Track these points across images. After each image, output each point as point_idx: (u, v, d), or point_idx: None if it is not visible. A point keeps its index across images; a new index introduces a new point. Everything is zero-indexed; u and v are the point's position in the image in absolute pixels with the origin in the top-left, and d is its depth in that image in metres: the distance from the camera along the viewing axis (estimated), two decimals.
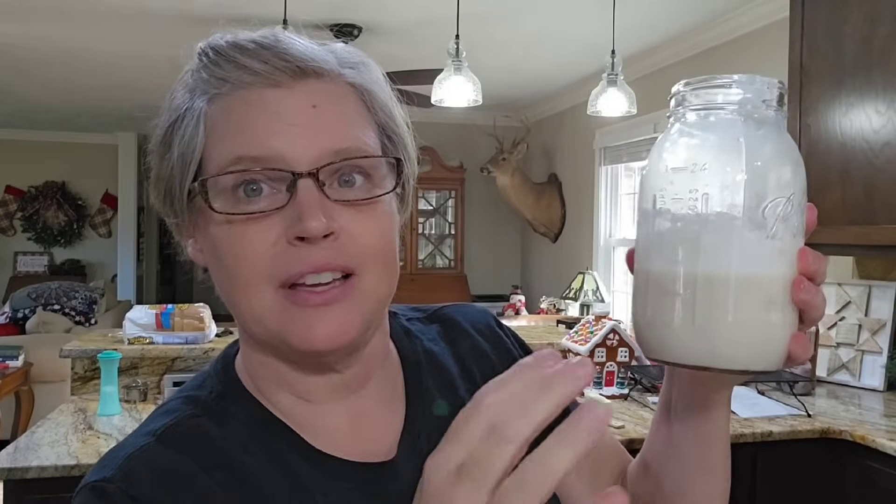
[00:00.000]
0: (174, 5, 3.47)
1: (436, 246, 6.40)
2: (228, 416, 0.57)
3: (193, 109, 0.55)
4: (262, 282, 0.53)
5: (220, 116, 0.54)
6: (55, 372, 4.34)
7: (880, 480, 2.06)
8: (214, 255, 0.55)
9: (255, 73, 0.53)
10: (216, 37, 0.58)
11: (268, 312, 0.53)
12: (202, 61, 0.56)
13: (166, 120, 0.57)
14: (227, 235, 0.53)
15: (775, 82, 0.46)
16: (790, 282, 0.45)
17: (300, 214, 0.51)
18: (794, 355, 0.46)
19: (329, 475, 0.56)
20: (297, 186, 0.52)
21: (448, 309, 0.74)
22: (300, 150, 0.52)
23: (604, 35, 3.42)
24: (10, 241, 7.73)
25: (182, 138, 0.55)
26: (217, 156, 0.53)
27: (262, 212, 0.52)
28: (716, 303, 0.44)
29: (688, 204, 0.45)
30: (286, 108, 0.53)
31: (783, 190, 0.45)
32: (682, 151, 0.46)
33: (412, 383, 0.65)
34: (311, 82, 0.55)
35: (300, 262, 0.52)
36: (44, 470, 1.77)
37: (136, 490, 0.51)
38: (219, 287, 0.57)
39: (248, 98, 0.54)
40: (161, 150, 0.57)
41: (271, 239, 0.52)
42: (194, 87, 0.56)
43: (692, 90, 0.47)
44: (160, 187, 0.58)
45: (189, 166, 0.55)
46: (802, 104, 2.60)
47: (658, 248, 0.46)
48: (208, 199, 0.53)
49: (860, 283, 2.84)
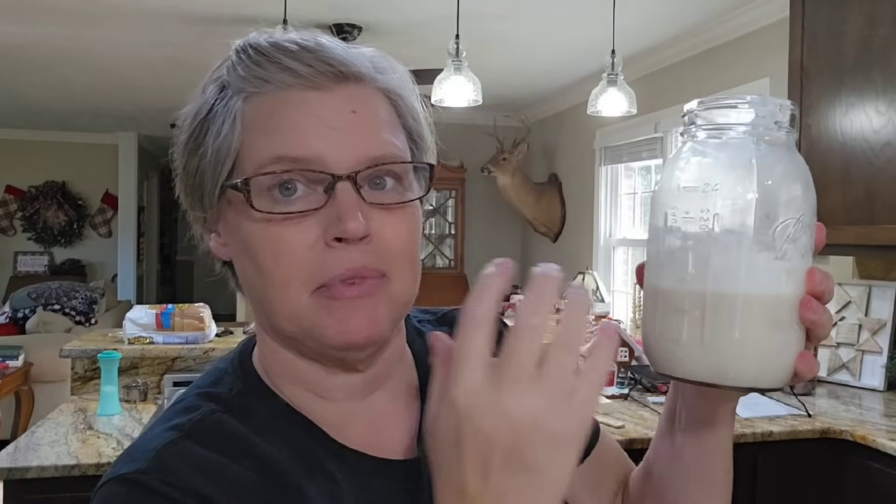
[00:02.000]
0: (174, 5, 3.47)
1: (436, 246, 6.40)
2: (251, 412, 0.57)
3: (229, 107, 0.55)
4: (300, 283, 0.53)
5: (259, 115, 0.54)
6: (55, 372, 4.34)
7: (880, 480, 2.06)
8: (247, 252, 0.55)
9: (298, 76, 0.54)
10: (255, 35, 0.58)
11: (304, 311, 0.54)
12: (241, 59, 0.56)
13: (197, 115, 0.57)
14: (265, 234, 0.54)
15: (787, 104, 0.47)
16: (798, 301, 0.46)
17: (340, 216, 0.52)
18: (800, 373, 0.47)
19: (356, 470, 0.57)
20: (336, 188, 0.53)
21: (458, 311, 0.74)
22: (340, 153, 0.53)
23: (604, 35, 3.42)
24: (10, 241, 7.73)
25: (217, 135, 0.55)
26: (255, 154, 0.54)
27: (301, 212, 0.53)
28: (724, 321, 0.45)
29: (699, 223, 0.45)
30: (327, 111, 0.54)
31: (793, 211, 0.45)
32: (695, 170, 0.47)
33: (426, 383, 0.65)
34: (350, 86, 0.56)
35: (338, 265, 0.53)
36: (44, 470, 1.77)
37: (172, 478, 0.50)
38: (246, 283, 0.58)
39: (289, 99, 0.54)
40: (191, 145, 0.57)
41: (310, 240, 0.53)
42: (229, 83, 0.56)
43: (705, 109, 0.47)
44: (189, 181, 0.58)
45: (223, 163, 0.55)
46: (802, 104, 2.60)
47: (668, 265, 0.47)
48: (250, 197, 0.53)
49: (860, 282, 2.84)
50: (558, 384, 0.41)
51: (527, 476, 0.41)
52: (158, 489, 0.50)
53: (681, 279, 0.46)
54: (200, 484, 0.51)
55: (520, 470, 0.41)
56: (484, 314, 0.43)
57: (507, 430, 0.41)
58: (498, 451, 0.41)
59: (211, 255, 0.61)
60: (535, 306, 0.43)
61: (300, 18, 3.44)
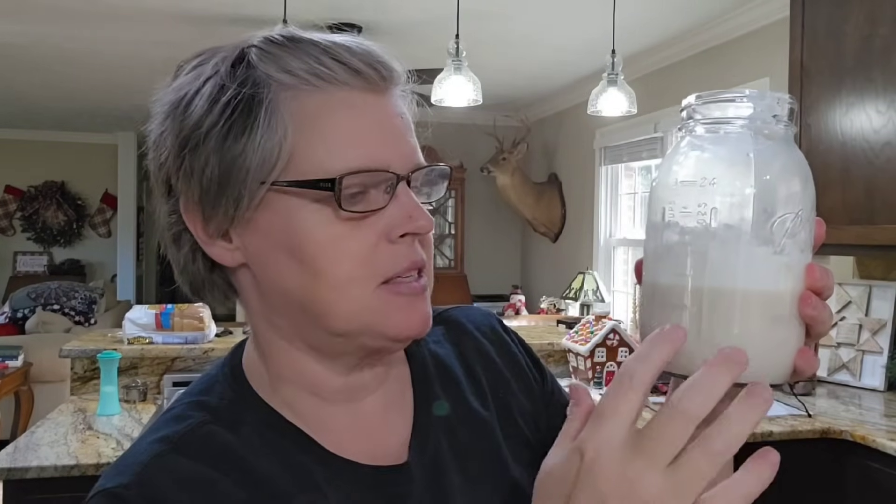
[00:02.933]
0: (174, 5, 3.47)
1: (436, 246, 6.37)
2: (241, 422, 0.57)
3: (277, 103, 0.52)
4: (365, 279, 0.54)
5: (317, 116, 0.53)
6: (55, 372, 4.34)
7: (880, 480, 2.06)
8: (296, 254, 0.54)
9: (360, 77, 0.54)
10: (290, 29, 0.56)
11: (367, 308, 0.54)
12: (284, 51, 0.54)
13: (224, 108, 0.53)
14: (330, 235, 0.53)
15: (786, 98, 0.46)
16: (797, 297, 0.45)
17: (411, 214, 0.54)
18: (800, 370, 0.46)
19: (343, 478, 0.57)
20: (398, 189, 0.54)
21: (452, 311, 0.75)
22: (400, 158, 0.55)
23: (604, 35, 3.42)
24: (9, 241, 7.73)
25: (264, 132, 0.52)
26: (323, 158, 0.53)
27: (373, 211, 0.54)
28: (722, 317, 0.45)
29: (696, 218, 0.45)
30: (384, 116, 0.55)
31: (792, 206, 0.45)
32: (692, 165, 0.46)
33: (419, 385, 0.65)
34: (394, 90, 0.57)
35: (405, 259, 0.55)
36: (43, 470, 1.77)
37: (155, 496, 0.50)
38: (283, 286, 0.55)
39: (349, 101, 0.54)
40: (217, 144, 0.53)
41: (373, 238, 0.54)
42: (271, 75, 0.53)
43: (703, 104, 0.47)
44: (211, 181, 0.53)
45: (276, 163, 0.52)
46: (803, 104, 2.60)
47: (666, 260, 0.47)
48: (340, 197, 0.52)
49: (860, 282, 2.84)
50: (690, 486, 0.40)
51: None
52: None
53: (679, 274, 0.46)
54: (184, 501, 0.51)
55: None
56: (643, 378, 0.41)
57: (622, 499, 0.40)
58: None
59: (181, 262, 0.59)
60: (702, 393, 0.40)
61: (300, 18, 3.43)
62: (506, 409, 0.68)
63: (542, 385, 0.73)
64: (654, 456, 0.40)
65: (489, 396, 0.68)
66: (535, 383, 0.72)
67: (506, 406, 0.68)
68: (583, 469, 0.42)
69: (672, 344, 0.42)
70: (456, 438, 0.63)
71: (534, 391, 0.71)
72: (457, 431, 0.64)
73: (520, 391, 0.70)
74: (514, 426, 0.67)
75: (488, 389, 0.68)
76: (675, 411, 0.40)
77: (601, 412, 0.42)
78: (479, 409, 0.66)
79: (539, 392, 0.72)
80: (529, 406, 0.70)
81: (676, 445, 0.40)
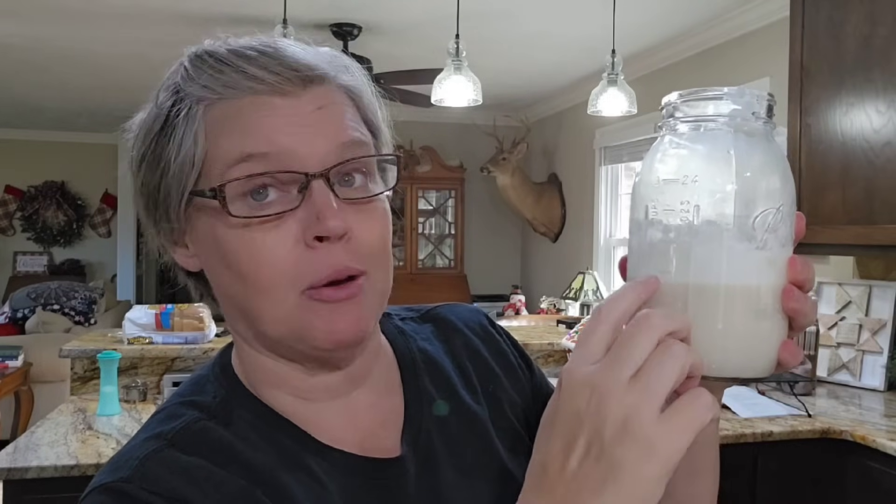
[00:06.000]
0: (174, 5, 3.47)
1: (436, 246, 6.40)
2: (235, 417, 0.57)
3: (190, 117, 0.54)
4: (286, 286, 0.53)
5: (225, 120, 0.54)
6: (55, 372, 4.34)
7: (881, 481, 2.06)
8: (224, 260, 0.55)
9: (263, 83, 0.54)
10: (210, 43, 0.57)
11: (291, 314, 0.54)
12: (199, 68, 0.55)
13: (151, 129, 0.56)
14: (243, 240, 0.53)
15: (764, 95, 0.47)
16: (780, 291, 0.46)
17: (319, 214, 0.52)
18: (783, 362, 0.47)
19: (339, 469, 0.57)
20: (311, 186, 0.52)
21: (441, 308, 0.75)
22: (310, 147, 0.53)
23: (604, 35, 3.42)
24: (9, 241, 7.72)
25: (179, 147, 0.54)
26: (224, 155, 0.53)
27: (278, 214, 0.52)
28: (706, 312, 0.45)
29: (679, 215, 0.46)
30: (295, 112, 0.54)
31: (772, 201, 0.46)
32: (674, 163, 0.47)
33: (409, 382, 0.66)
34: (315, 88, 0.56)
35: (324, 266, 0.53)
36: (43, 470, 1.77)
37: (156, 487, 0.51)
38: (225, 292, 0.57)
39: (253, 103, 0.54)
40: (150, 160, 0.56)
41: (289, 242, 0.53)
42: (187, 93, 0.55)
43: (683, 102, 0.48)
44: (151, 197, 0.57)
45: (190, 172, 0.54)
46: (802, 104, 2.60)
47: (650, 258, 0.47)
48: (226, 203, 0.52)
49: (860, 282, 2.84)
50: (655, 396, 0.41)
51: (607, 471, 0.41)
52: (142, 497, 0.50)
53: (663, 271, 0.46)
54: (186, 490, 0.51)
55: (601, 461, 0.41)
56: (610, 312, 0.44)
57: (595, 414, 0.42)
58: (584, 434, 0.42)
59: (174, 267, 0.61)
60: (669, 314, 0.43)
61: (300, 18, 3.44)
62: (496, 403, 0.68)
63: (531, 378, 0.74)
64: (621, 371, 0.42)
65: (480, 391, 0.68)
66: (523, 377, 0.73)
67: (496, 400, 0.69)
68: (562, 394, 0.44)
69: (645, 287, 0.45)
70: (448, 432, 0.64)
71: (523, 385, 0.72)
72: (449, 425, 0.64)
73: (509, 385, 0.71)
74: (506, 419, 0.68)
75: (478, 384, 0.69)
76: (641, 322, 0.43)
77: (576, 345, 0.45)
78: (470, 403, 0.67)
79: (528, 385, 0.73)
80: (519, 399, 0.71)
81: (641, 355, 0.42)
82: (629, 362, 0.41)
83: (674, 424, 0.41)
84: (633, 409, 0.41)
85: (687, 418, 0.41)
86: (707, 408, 0.42)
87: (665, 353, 0.42)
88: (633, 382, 0.41)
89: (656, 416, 0.41)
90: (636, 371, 0.41)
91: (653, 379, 0.41)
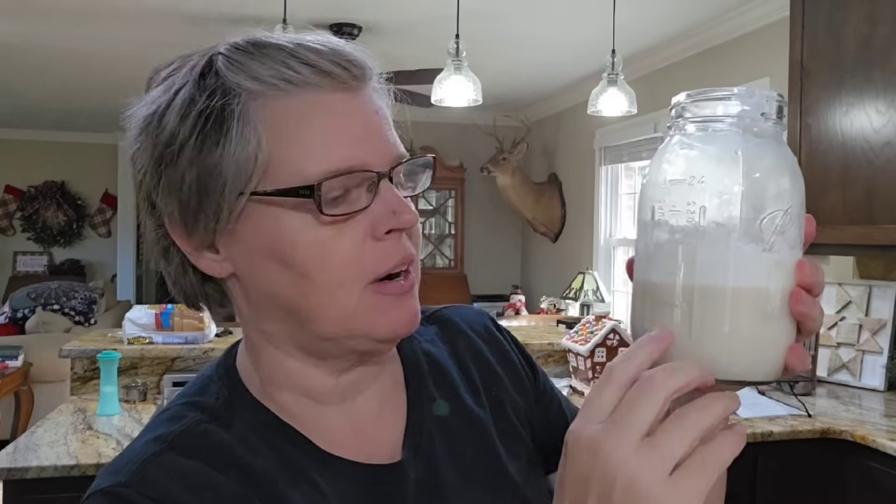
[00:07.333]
0: (174, 4, 3.47)
1: (436, 246, 6.40)
2: (237, 421, 0.57)
3: (244, 112, 0.52)
4: (354, 281, 0.54)
5: (288, 121, 0.52)
6: (55, 372, 4.34)
7: (881, 481, 2.06)
8: (283, 261, 0.53)
9: (329, 76, 0.53)
10: (256, 33, 0.55)
11: (355, 310, 0.54)
12: (251, 57, 0.53)
13: (181, 125, 0.53)
14: (314, 240, 0.53)
15: (774, 95, 0.46)
16: (788, 294, 0.45)
17: (395, 209, 0.54)
18: (790, 366, 0.46)
19: (338, 476, 0.57)
20: (380, 186, 0.54)
21: (445, 310, 0.75)
22: (378, 156, 0.54)
23: (604, 35, 3.42)
24: (9, 241, 7.72)
25: (235, 142, 0.52)
26: (300, 156, 0.52)
27: (357, 211, 0.53)
28: (713, 314, 0.45)
29: (686, 216, 0.45)
30: (359, 114, 0.55)
31: (781, 203, 0.45)
32: (681, 163, 0.46)
33: (412, 383, 0.66)
34: (367, 86, 0.56)
35: (395, 255, 0.55)
36: (43, 470, 1.77)
37: (154, 492, 0.50)
38: (272, 291, 0.55)
39: (319, 102, 0.53)
40: (188, 157, 0.53)
41: (359, 238, 0.54)
42: (234, 85, 0.52)
43: (692, 102, 0.47)
44: (183, 197, 0.53)
45: (252, 172, 0.52)
46: (802, 104, 2.60)
47: (656, 259, 0.47)
48: (321, 203, 0.52)
49: (860, 282, 2.84)
50: (665, 459, 0.40)
51: None
52: (140, 502, 0.50)
53: (669, 273, 0.46)
54: (183, 496, 0.51)
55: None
56: (621, 374, 0.43)
57: (601, 478, 0.41)
58: (592, 497, 0.42)
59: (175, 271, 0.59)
60: (676, 370, 0.42)
61: (300, 18, 3.43)
62: (499, 406, 0.68)
63: (535, 382, 0.74)
64: (628, 433, 0.41)
65: (483, 394, 0.68)
66: (527, 380, 0.73)
67: (499, 403, 0.69)
68: (567, 455, 0.44)
69: (658, 345, 0.44)
70: (450, 436, 0.64)
71: (526, 388, 0.72)
72: (451, 429, 0.64)
73: (513, 388, 0.71)
74: (508, 423, 0.68)
75: (482, 387, 0.69)
76: (645, 384, 0.42)
77: (583, 405, 0.44)
78: (473, 406, 0.66)
79: (531, 389, 0.73)
80: (522, 403, 0.71)
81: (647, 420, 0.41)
82: (634, 425, 0.41)
83: (682, 487, 0.40)
84: (641, 472, 0.40)
85: (696, 481, 0.40)
86: (717, 469, 0.41)
87: (676, 421, 0.41)
88: (641, 445, 0.41)
89: (665, 479, 0.40)
90: (644, 434, 0.41)
91: (664, 446, 0.41)
